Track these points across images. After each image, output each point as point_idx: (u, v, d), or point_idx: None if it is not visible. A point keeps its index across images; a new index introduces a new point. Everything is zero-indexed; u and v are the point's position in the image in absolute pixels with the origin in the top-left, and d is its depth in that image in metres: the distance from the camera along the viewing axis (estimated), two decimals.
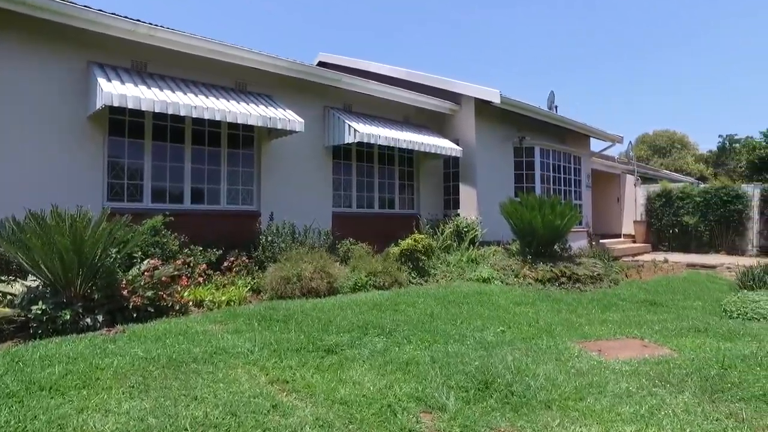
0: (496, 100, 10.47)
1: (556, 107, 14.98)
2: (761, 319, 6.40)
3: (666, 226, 16.67)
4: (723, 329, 5.22)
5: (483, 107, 11.23)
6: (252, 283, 6.71)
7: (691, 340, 4.67)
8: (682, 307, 7.35)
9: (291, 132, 8.25)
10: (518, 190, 12.03)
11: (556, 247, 10.13)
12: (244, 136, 8.65)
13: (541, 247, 9.57)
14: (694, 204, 16.20)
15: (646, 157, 36.44)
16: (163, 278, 5.24)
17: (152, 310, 4.85)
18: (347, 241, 8.77)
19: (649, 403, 3.04)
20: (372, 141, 9.18)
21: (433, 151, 10.37)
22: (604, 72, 68.85)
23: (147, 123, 7.49)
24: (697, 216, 16.07)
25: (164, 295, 5.08)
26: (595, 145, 16.34)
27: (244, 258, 7.13)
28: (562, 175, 13.35)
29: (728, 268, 12.91)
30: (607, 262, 11.25)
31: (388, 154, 11.10)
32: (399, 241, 8.55)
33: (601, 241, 14.94)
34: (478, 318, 5.40)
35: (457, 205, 11.54)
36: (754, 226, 15.55)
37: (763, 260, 12.89)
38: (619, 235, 17.81)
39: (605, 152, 17.00)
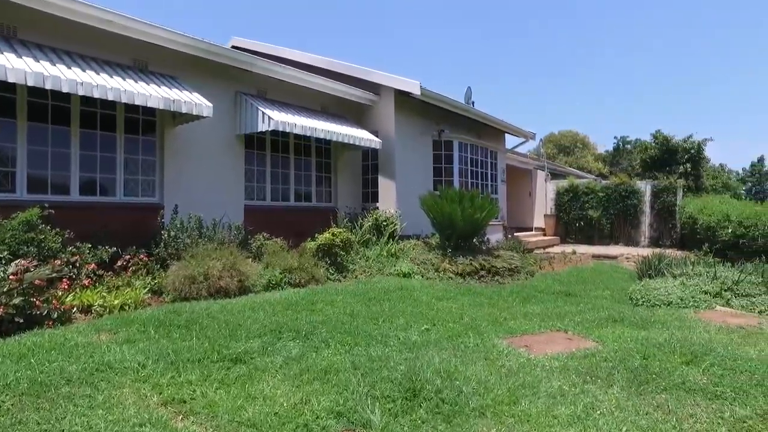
0: (416, 91, 10.30)
1: (473, 103, 15.18)
2: (662, 306, 6.72)
3: (573, 220, 17.53)
4: (636, 318, 5.36)
5: (403, 99, 11.04)
6: (152, 283, 5.99)
7: (611, 331, 4.71)
8: (594, 297, 7.59)
9: (198, 117, 7.53)
10: (437, 183, 12.01)
11: (475, 240, 10.18)
12: (144, 121, 7.77)
13: (460, 240, 9.55)
14: (597, 199, 17.17)
15: (553, 155, 38.49)
16: (37, 281, 4.44)
17: (21, 321, 4.07)
18: (261, 236, 8.20)
19: (583, 402, 2.91)
20: (287, 129, 8.65)
21: (351, 143, 10.01)
22: (514, 73, 72.03)
23: (20, 100, 6.42)
24: (600, 210, 17.05)
25: (38, 302, 4.30)
26: (509, 141, 16.83)
27: (142, 256, 6.36)
28: (480, 170, 13.53)
29: (627, 258, 13.77)
30: (522, 255, 11.52)
31: (304, 145, 10.60)
32: (316, 235, 8.13)
33: (515, 234, 15.38)
34: (401, 316, 5.14)
35: (376, 199, 11.28)
36: (646, 220, 16.76)
37: (655, 250, 13.90)
38: (531, 228, 18.51)
39: (518, 149, 17.58)
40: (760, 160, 35.20)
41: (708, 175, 19.51)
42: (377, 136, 10.86)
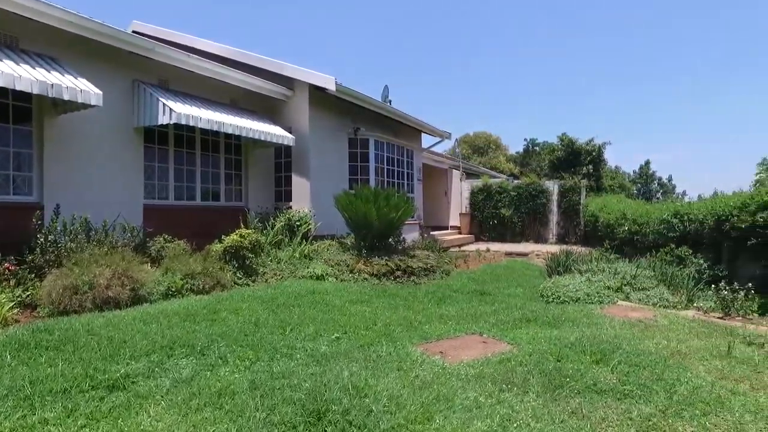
0: (331, 87, 9.98)
1: (390, 101, 15.10)
2: (571, 302, 6.96)
3: (487, 218, 18.04)
4: (548, 316, 5.42)
5: (318, 95, 10.67)
6: (23, 296, 5.20)
7: (525, 332, 4.70)
8: (507, 295, 7.71)
9: (85, 106, 6.71)
10: (353, 182, 11.78)
11: (390, 240, 10.05)
12: (16, 108, 6.81)
13: (376, 240, 9.37)
14: (509, 198, 17.79)
15: (467, 155, 39.67)
16: None
17: None
18: (161, 238, 7.52)
19: (499, 414, 2.78)
20: (191, 123, 8.00)
21: (263, 139, 9.49)
22: (431, 74, 73.62)
23: None
24: (512, 209, 17.69)
25: None
26: (426, 141, 16.98)
27: (8, 265, 5.50)
28: (396, 168, 13.47)
29: (537, 255, 14.33)
30: (438, 254, 11.58)
31: (212, 140, 9.92)
32: (223, 237, 7.58)
33: (431, 232, 15.51)
34: (311, 323, 4.82)
35: (289, 198, 10.84)
36: (554, 218, 17.63)
37: (562, 247, 14.61)
38: (446, 227, 18.82)
39: (434, 148, 17.79)
40: (647, 163, 38.50)
41: (607, 176, 20.89)
42: (291, 133, 10.42)
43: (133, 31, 10.89)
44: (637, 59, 58.75)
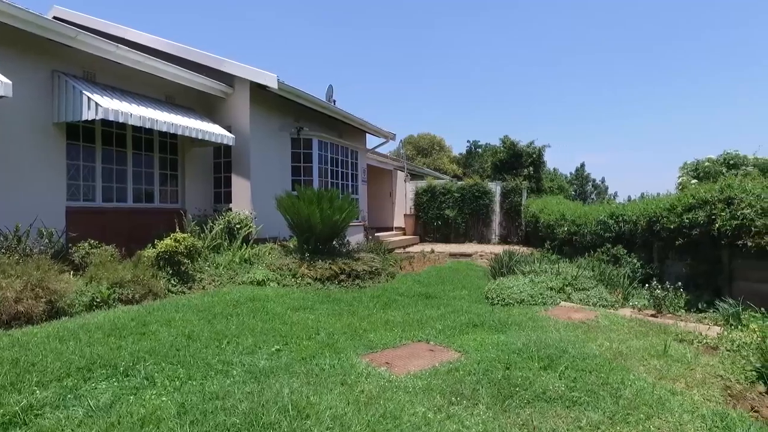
0: (273, 84, 9.63)
1: (334, 101, 14.86)
2: (516, 304, 7.00)
3: (431, 219, 18.14)
4: (494, 321, 5.38)
5: (259, 92, 10.28)
6: None
7: (472, 337, 4.62)
8: (453, 298, 7.67)
9: None
10: (296, 183, 11.45)
11: (335, 242, 9.83)
12: None
13: (319, 243, 9.13)
14: (453, 199, 17.97)
15: (412, 156, 39.92)
16: None
17: None
18: (86, 244, 6.95)
19: (449, 431, 2.63)
20: (121, 120, 7.44)
21: (201, 137, 9.01)
22: (376, 75, 73.78)
23: None
24: (456, 210, 17.88)
25: None
26: (370, 141, 16.87)
27: None
28: (340, 169, 13.24)
29: (481, 255, 14.52)
30: (383, 256, 11.46)
31: (146, 138, 9.33)
32: (156, 242, 7.10)
33: (376, 234, 15.40)
34: (250, 334, 4.52)
35: (229, 199, 10.38)
36: (496, 218, 17.96)
37: (505, 247, 14.89)
38: (391, 228, 18.78)
39: (379, 149, 17.68)
40: (582, 165, 40.18)
41: (546, 178, 21.49)
42: (231, 132, 9.98)
43: (54, 17, 10.08)
44: (572, 63, 61.28)
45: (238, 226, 9.21)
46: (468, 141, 44.90)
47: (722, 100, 59.52)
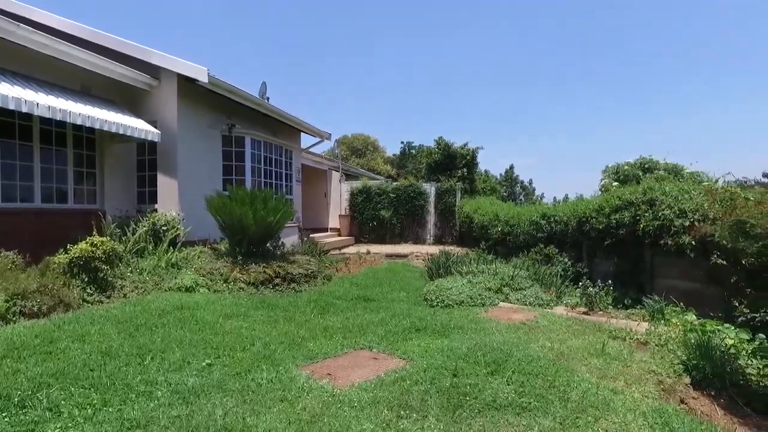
0: (203, 78, 9.08)
1: (267, 98, 14.37)
2: (456, 305, 6.99)
3: (367, 220, 18.03)
4: (437, 324, 5.30)
5: (188, 87, 9.68)
6: None
7: (416, 343, 4.50)
8: (392, 300, 7.56)
9: None
10: (227, 182, 10.94)
11: (269, 245, 9.45)
12: None
13: (252, 245, 8.73)
14: (389, 200, 17.97)
15: (347, 156, 39.69)
16: None
17: None
18: None
19: None
20: (24, 109, 6.69)
21: (122, 132, 8.32)
22: (310, 74, 72.81)
23: None
24: (391, 210, 17.88)
25: None
26: (305, 141, 16.48)
27: None
28: (274, 169, 12.81)
29: (417, 256, 14.57)
30: (319, 258, 11.19)
31: (57, 132, 8.50)
32: (71, 246, 6.45)
33: (311, 235, 15.08)
34: (177, 347, 4.15)
35: (155, 199, 9.71)
36: (431, 219, 18.14)
37: (440, 248, 15.03)
38: (326, 229, 18.48)
39: (314, 149, 17.35)
40: (512, 167, 41.58)
41: (480, 180, 21.99)
42: (156, 127, 9.33)
43: None
44: (502, 65, 63.37)
45: (164, 228, 8.61)
46: (402, 142, 45.35)
47: (638, 108, 63.78)
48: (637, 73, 59.30)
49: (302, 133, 15.65)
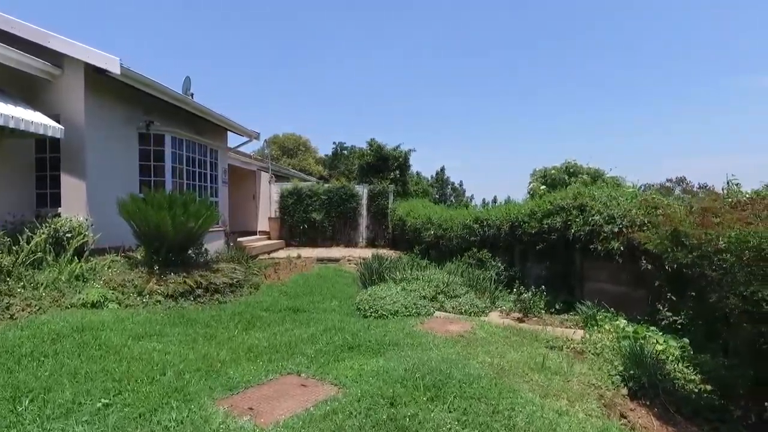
0: (115, 69, 8.20)
1: (192, 94, 13.47)
2: (390, 315, 6.71)
3: (297, 222, 17.46)
4: (371, 340, 4.96)
5: (98, 78, 8.72)
6: None
7: (350, 365, 4.13)
8: (323, 311, 7.17)
9: None
10: (145, 184, 10.05)
11: (190, 251, 8.77)
12: None
13: (172, 253, 8.02)
14: (320, 202, 17.49)
15: (277, 156, 38.67)
16: None
17: None
18: None
19: None
20: None
21: (14, 126, 7.31)
22: (241, 72, 70.34)
23: None
24: (323, 212, 17.41)
25: None
26: (233, 140, 15.69)
27: None
28: (198, 170, 11.98)
29: (349, 260, 14.22)
30: (246, 264, 10.57)
31: None
32: None
33: (238, 239, 14.33)
34: (69, 383, 3.49)
35: (57, 203, 8.68)
36: (363, 221, 17.86)
37: (373, 251, 14.77)
38: (255, 232, 17.71)
39: (242, 149, 16.53)
40: (442, 169, 42.19)
41: (412, 182, 21.95)
42: (59, 122, 8.34)
43: None
44: (427, 69, 64.32)
45: (68, 235, 7.68)
46: (334, 143, 44.69)
47: (563, 112, 66.92)
48: (562, 76, 62.23)
49: (230, 133, 14.84)
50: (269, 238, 17.14)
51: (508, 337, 5.40)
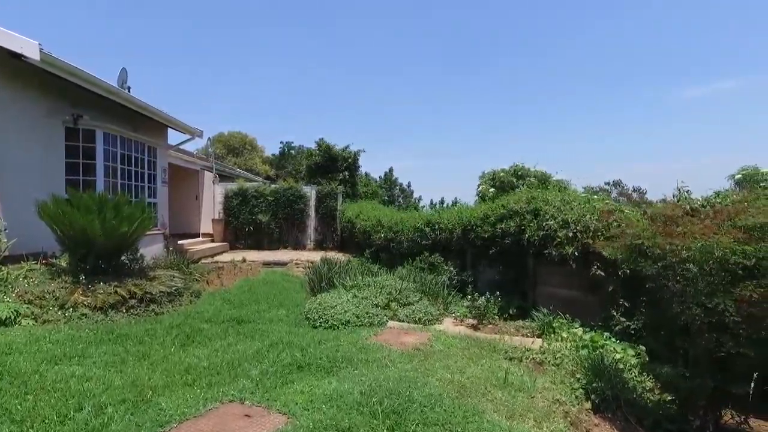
0: (34, 55, 7.34)
1: (129, 88, 12.57)
2: (341, 326, 6.34)
3: (243, 224, 16.75)
4: (322, 356, 4.55)
5: (14, 65, 7.81)
6: None
7: (299, 388, 3.71)
8: (269, 321, 6.71)
9: None
10: (73, 184, 9.17)
11: (123, 258, 8.06)
12: None
13: (102, 261, 7.33)
14: (267, 203, 16.86)
15: (222, 155, 37.34)
16: None
17: None
18: None
19: None
20: None
21: None
22: (183, 69, 67.53)
23: None
24: (269, 214, 16.79)
25: None
26: (174, 138, 14.80)
27: None
28: (135, 169, 11.14)
29: (297, 264, 13.71)
30: (187, 270, 9.90)
31: None
32: None
33: (179, 242, 13.52)
34: None
35: None
36: (312, 223, 17.38)
37: (321, 254, 14.34)
38: (198, 235, 16.84)
39: (185, 147, 15.66)
40: (391, 170, 42.07)
41: (362, 183, 21.63)
42: None
43: None
44: (379, 68, 64.18)
45: None
46: (281, 142, 43.78)
47: (509, 116, 68.49)
48: (506, 79, 63.66)
49: (171, 130, 13.98)
50: (213, 241, 16.33)
51: (466, 348, 5.14)
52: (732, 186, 12.59)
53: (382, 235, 12.48)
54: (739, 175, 12.56)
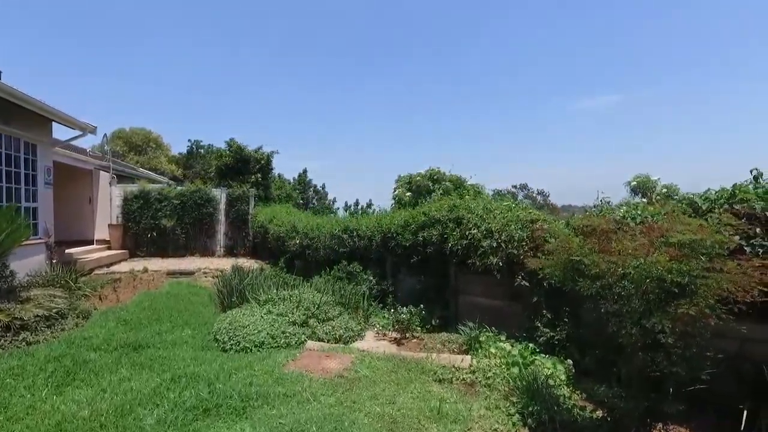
0: None
1: None
2: (254, 348, 5.79)
3: (144, 230, 15.38)
4: (233, 395, 3.95)
5: None
6: None
7: None
8: (172, 345, 5.95)
9: None
10: None
11: None
12: None
13: None
14: (172, 207, 15.63)
15: (123, 153, 34.51)
16: None
17: None
18: None
19: None
20: None
21: None
22: (81, 61, 61.67)
23: None
24: (175, 219, 15.58)
25: None
26: (62, 133, 13.17)
27: None
28: (7, 168, 9.68)
29: (205, 273, 12.78)
30: (75, 285, 8.73)
31: None
32: None
33: (68, 251, 12.04)
34: None
35: None
36: (222, 228, 16.39)
37: (232, 261, 13.47)
38: (92, 242, 15.18)
39: (77, 144, 13.99)
40: (305, 171, 41.21)
41: (275, 185, 20.75)
42: None
43: None
44: (286, 69, 62.74)
45: None
46: (189, 140, 41.26)
47: (427, 119, 69.76)
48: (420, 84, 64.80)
49: (56, 124, 12.36)
50: (110, 248, 14.80)
51: (393, 371, 4.77)
52: (629, 192, 13.42)
53: (297, 241, 11.88)
54: (634, 182, 13.41)
